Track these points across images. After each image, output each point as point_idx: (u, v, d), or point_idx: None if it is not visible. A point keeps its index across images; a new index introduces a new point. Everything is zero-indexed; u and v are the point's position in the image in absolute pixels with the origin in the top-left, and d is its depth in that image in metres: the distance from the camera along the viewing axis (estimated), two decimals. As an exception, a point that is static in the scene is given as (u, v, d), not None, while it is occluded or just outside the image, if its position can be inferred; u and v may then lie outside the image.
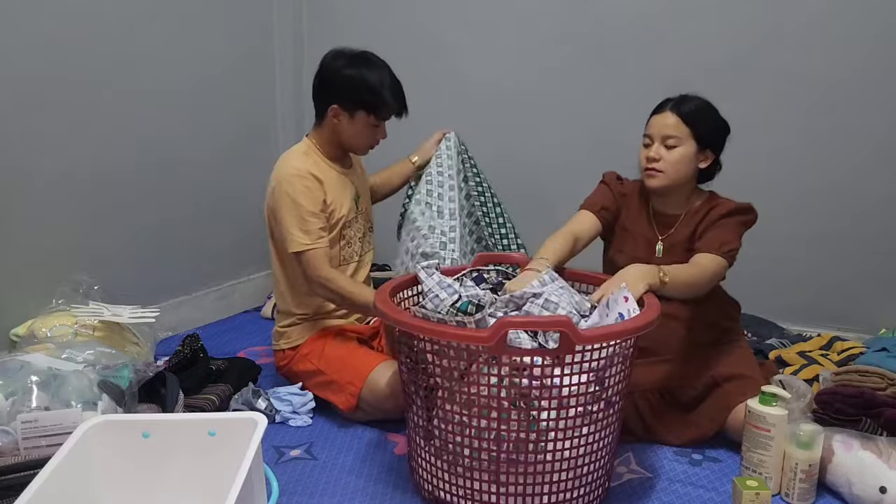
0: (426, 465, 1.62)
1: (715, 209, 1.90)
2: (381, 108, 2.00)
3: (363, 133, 2.04)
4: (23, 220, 2.14)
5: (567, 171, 2.70)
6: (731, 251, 1.84)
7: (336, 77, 2.00)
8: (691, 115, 1.86)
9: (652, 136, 1.90)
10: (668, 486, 1.73)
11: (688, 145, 1.87)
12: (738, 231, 1.88)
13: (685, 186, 1.92)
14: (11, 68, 2.07)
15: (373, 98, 1.98)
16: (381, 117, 2.02)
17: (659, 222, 1.98)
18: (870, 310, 2.46)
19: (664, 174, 1.87)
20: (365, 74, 1.98)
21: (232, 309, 2.91)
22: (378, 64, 2.02)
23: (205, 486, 1.29)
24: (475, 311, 1.62)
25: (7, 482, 1.40)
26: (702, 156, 1.90)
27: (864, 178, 2.44)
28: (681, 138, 1.86)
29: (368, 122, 2.01)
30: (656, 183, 1.89)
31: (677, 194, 1.93)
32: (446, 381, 1.51)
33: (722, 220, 1.88)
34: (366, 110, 2.00)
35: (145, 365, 1.87)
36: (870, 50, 2.37)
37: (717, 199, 1.94)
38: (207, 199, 2.74)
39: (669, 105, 1.89)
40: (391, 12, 2.96)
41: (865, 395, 1.77)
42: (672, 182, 1.89)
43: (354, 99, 1.99)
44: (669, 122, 1.87)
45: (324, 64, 2.04)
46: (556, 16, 2.73)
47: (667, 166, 1.87)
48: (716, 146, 1.92)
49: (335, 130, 2.06)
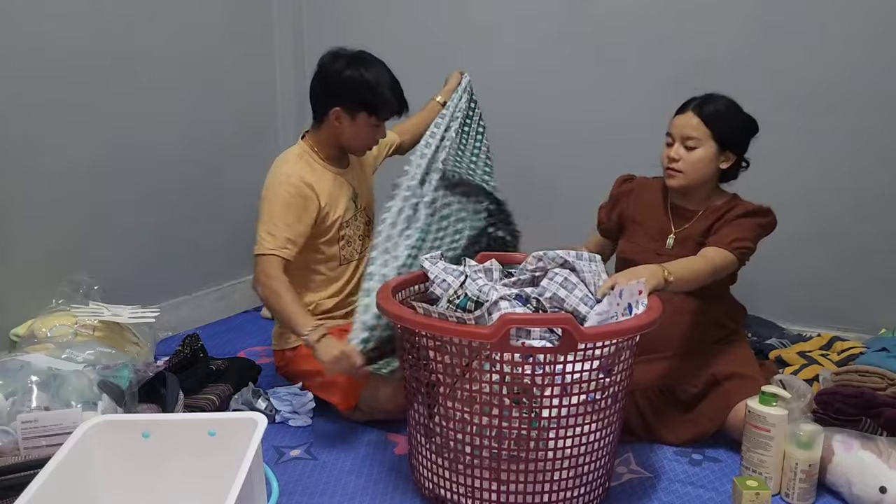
0: (427, 463, 1.62)
1: (734, 209, 1.92)
2: (383, 109, 2.00)
3: (364, 134, 2.04)
4: (23, 220, 2.14)
5: (567, 170, 2.70)
6: (742, 249, 1.84)
7: (337, 80, 2.00)
8: (712, 117, 1.87)
9: (673, 136, 1.92)
10: (668, 486, 1.73)
11: (708, 146, 1.88)
12: (754, 231, 1.88)
13: (706, 185, 1.94)
14: (11, 68, 2.07)
15: (374, 99, 1.98)
16: (382, 118, 2.02)
17: (676, 215, 1.99)
18: (870, 310, 2.46)
19: (683, 174, 1.90)
20: (365, 76, 1.97)
21: (232, 309, 2.91)
22: (376, 63, 2.01)
23: (205, 486, 1.29)
24: (474, 307, 1.64)
25: (7, 482, 1.40)
26: (723, 156, 1.91)
27: (864, 178, 2.44)
28: (701, 139, 1.87)
29: (370, 122, 2.02)
30: (676, 183, 1.92)
31: (697, 193, 1.95)
32: (448, 377, 1.51)
33: (739, 220, 1.89)
34: (367, 111, 2.00)
35: (145, 365, 1.87)
36: (870, 50, 2.37)
37: (738, 201, 1.96)
38: (207, 198, 2.73)
39: (692, 105, 1.90)
40: (391, 11, 2.96)
41: (865, 395, 1.77)
42: (691, 182, 1.91)
43: (357, 101, 1.99)
44: (691, 122, 1.88)
45: (323, 66, 2.04)
46: (556, 15, 2.73)
47: (686, 167, 1.89)
48: (738, 147, 1.92)
49: (335, 133, 2.05)
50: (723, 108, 1.89)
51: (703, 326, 1.96)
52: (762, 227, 1.90)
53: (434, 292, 1.77)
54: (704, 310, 1.92)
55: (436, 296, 1.78)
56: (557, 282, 1.68)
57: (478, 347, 1.45)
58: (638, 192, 2.06)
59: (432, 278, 1.77)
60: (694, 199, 1.97)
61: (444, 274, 1.77)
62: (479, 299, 1.65)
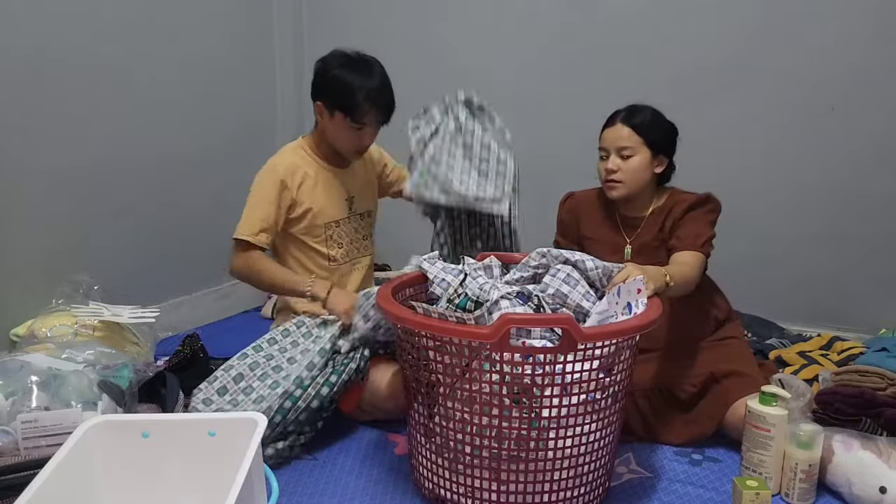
0: (427, 463, 1.62)
1: (677, 205, 1.96)
2: (356, 112, 1.98)
3: (344, 134, 2.04)
4: (23, 220, 2.14)
5: (567, 170, 2.70)
6: (706, 242, 1.90)
7: (325, 76, 2.02)
8: (642, 125, 1.93)
9: (607, 149, 1.97)
10: (668, 486, 1.73)
11: (642, 154, 1.93)
12: (708, 221, 1.93)
13: (646, 191, 1.99)
14: (12, 68, 2.07)
15: (348, 101, 1.97)
16: (356, 121, 2.00)
17: (626, 225, 2.03)
18: (870, 310, 2.46)
19: (624, 184, 1.95)
20: (347, 76, 1.97)
21: (232, 309, 2.91)
22: (369, 68, 2.00)
23: (205, 486, 1.29)
24: (474, 307, 1.63)
25: (7, 482, 1.40)
26: (656, 161, 1.96)
27: (864, 178, 2.44)
28: (635, 148, 1.93)
29: (346, 123, 2.01)
30: (617, 193, 1.96)
31: (639, 199, 2.00)
32: (448, 377, 1.51)
33: (689, 215, 1.93)
34: (342, 111, 2.00)
35: (145, 365, 1.87)
36: (870, 50, 2.37)
37: (677, 195, 2.00)
38: (207, 198, 2.74)
39: (620, 117, 1.96)
40: (391, 12, 2.97)
41: (865, 395, 1.77)
42: (632, 190, 1.96)
43: (332, 98, 2.00)
44: (622, 133, 1.94)
45: (319, 61, 2.06)
46: (557, 15, 2.73)
47: (625, 176, 1.94)
48: (668, 151, 1.98)
49: (323, 128, 2.07)
50: (649, 116, 1.95)
51: (691, 320, 1.97)
52: (713, 213, 1.95)
53: (434, 292, 1.77)
54: (688, 303, 1.93)
55: (436, 296, 1.78)
56: (560, 278, 1.69)
57: (478, 347, 1.45)
58: (582, 209, 2.10)
59: (431, 278, 1.77)
60: (637, 206, 2.01)
61: (443, 273, 1.77)
62: (480, 298, 1.65)
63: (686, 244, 1.88)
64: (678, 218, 1.94)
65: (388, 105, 2.02)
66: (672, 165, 2.01)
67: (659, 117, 1.97)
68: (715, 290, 2.06)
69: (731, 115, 2.54)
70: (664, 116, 1.98)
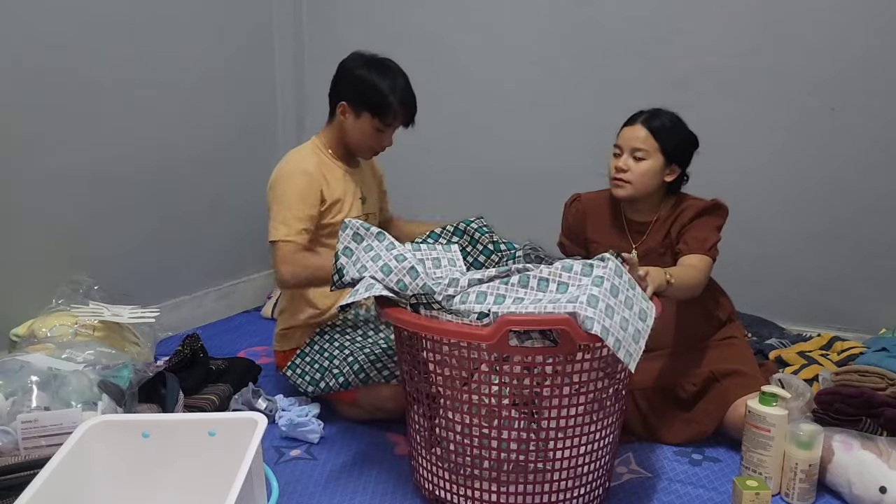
0: (427, 465, 1.62)
1: (685, 211, 1.95)
2: (386, 113, 2.00)
3: (367, 135, 2.05)
4: (23, 220, 2.14)
5: (567, 170, 2.70)
6: (713, 247, 1.89)
7: (348, 75, 2.02)
8: (660, 131, 1.91)
9: (622, 147, 1.94)
10: (668, 486, 1.73)
11: (655, 159, 1.91)
12: (715, 226, 1.92)
13: (653, 196, 1.97)
14: (11, 67, 2.07)
15: (379, 101, 1.99)
16: (385, 122, 2.01)
17: (632, 230, 2.02)
18: (870, 310, 2.46)
19: (631, 185, 1.93)
20: (376, 78, 1.99)
21: (232, 309, 2.91)
22: (394, 71, 2.03)
23: (205, 486, 1.29)
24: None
25: (7, 482, 1.40)
26: (668, 169, 1.94)
27: (864, 178, 2.44)
28: (649, 151, 1.91)
29: (373, 124, 2.02)
30: (623, 193, 1.94)
31: (646, 203, 1.98)
32: (448, 389, 1.51)
33: (696, 220, 1.92)
34: (370, 112, 2.00)
35: (145, 365, 1.87)
36: (869, 49, 2.37)
37: (686, 201, 1.98)
38: (207, 198, 2.74)
39: (641, 118, 1.94)
40: (391, 12, 2.96)
41: (865, 395, 1.77)
42: (637, 192, 1.94)
43: (361, 99, 2.00)
44: (640, 134, 1.91)
45: (341, 63, 2.07)
46: (557, 15, 2.73)
47: (633, 177, 1.92)
48: (682, 161, 1.96)
49: (342, 129, 2.07)
50: (669, 123, 1.93)
51: (694, 320, 1.97)
52: (721, 218, 1.94)
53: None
54: (693, 303, 1.93)
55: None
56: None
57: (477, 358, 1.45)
58: (589, 212, 2.08)
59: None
60: (644, 211, 2.00)
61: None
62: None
63: (693, 248, 1.87)
64: (685, 224, 1.93)
65: (415, 107, 2.04)
66: (685, 176, 1.99)
67: (680, 126, 1.94)
68: (719, 291, 2.05)
69: (731, 115, 2.54)
70: (686, 126, 1.95)
